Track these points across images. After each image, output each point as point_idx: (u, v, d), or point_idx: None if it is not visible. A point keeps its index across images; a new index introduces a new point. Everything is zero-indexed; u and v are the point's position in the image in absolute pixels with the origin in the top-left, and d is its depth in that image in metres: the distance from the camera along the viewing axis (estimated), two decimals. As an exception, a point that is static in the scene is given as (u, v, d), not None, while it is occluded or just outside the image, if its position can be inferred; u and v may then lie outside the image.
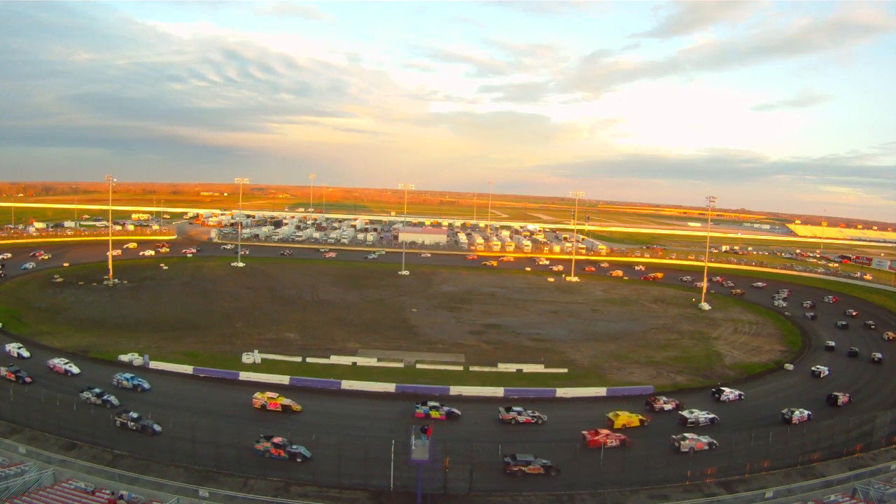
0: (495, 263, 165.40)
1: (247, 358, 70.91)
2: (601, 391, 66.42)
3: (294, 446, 47.41)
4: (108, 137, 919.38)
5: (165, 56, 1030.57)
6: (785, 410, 60.60)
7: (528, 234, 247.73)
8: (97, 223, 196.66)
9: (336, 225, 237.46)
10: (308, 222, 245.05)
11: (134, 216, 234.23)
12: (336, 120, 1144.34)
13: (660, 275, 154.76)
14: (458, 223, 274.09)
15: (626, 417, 55.75)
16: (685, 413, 58.29)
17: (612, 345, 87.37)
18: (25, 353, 68.76)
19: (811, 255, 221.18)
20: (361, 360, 73.49)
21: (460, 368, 72.94)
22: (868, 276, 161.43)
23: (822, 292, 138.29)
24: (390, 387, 64.23)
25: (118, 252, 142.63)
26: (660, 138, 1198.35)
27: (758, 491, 43.87)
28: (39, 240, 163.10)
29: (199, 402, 58.14)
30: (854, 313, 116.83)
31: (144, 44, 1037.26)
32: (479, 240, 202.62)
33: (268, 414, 56.50)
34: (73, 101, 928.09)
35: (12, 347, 69.59)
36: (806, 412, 59.83)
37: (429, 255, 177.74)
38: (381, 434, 48.98)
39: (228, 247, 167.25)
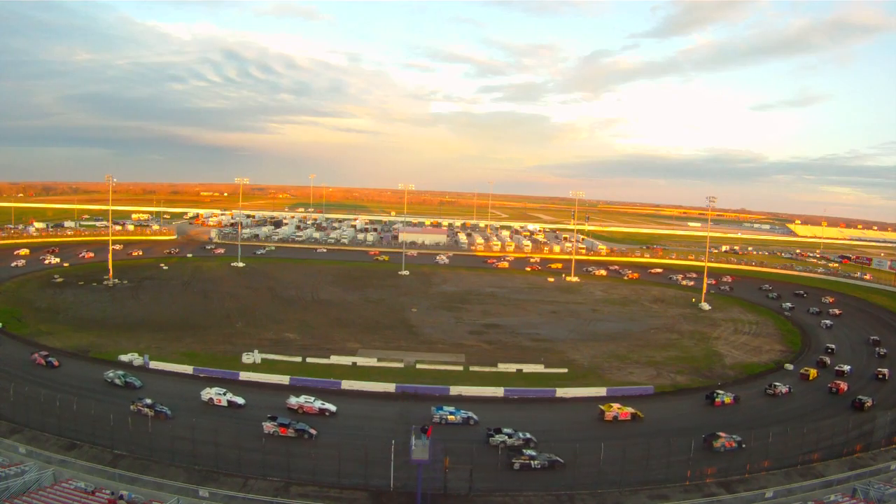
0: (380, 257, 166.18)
1: (247, 358, 70.92)
2: (601, 391, 66.44)
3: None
4: (108, 137, 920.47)
5: (165, 56, 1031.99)
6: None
7: (528, 234, 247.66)
8: (97, 223, 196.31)
9: (336, 225, 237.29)
10: (308, 222, 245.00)
11: (134, 216, 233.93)
12: (336, 120, 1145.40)
13: (559, 265, 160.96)
14: (458, 223, 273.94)
15: (814, 372, 76.51)
16: (844, 368, 77.53)
17: (612, 345, 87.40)
18: (169, 412, 53.68)
19: (811, 255, 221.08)
20: (361, 360, 73.51)
21: (460, 368, 72.96)
22: (868, 276, 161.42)
23: (821, 292, 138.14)
24: (390, 387, 64.23)
25: (21, 262, 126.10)
26: (659, 138, 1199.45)
27: (758, 491, 43.93)
28: (39, 240, 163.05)
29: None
30: (770, 287, 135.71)
31: (144, 44, 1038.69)
32: (480, 240, 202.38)
33: (620, 424, 57.39)
34: (73, 101, 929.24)
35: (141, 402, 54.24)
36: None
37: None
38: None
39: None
